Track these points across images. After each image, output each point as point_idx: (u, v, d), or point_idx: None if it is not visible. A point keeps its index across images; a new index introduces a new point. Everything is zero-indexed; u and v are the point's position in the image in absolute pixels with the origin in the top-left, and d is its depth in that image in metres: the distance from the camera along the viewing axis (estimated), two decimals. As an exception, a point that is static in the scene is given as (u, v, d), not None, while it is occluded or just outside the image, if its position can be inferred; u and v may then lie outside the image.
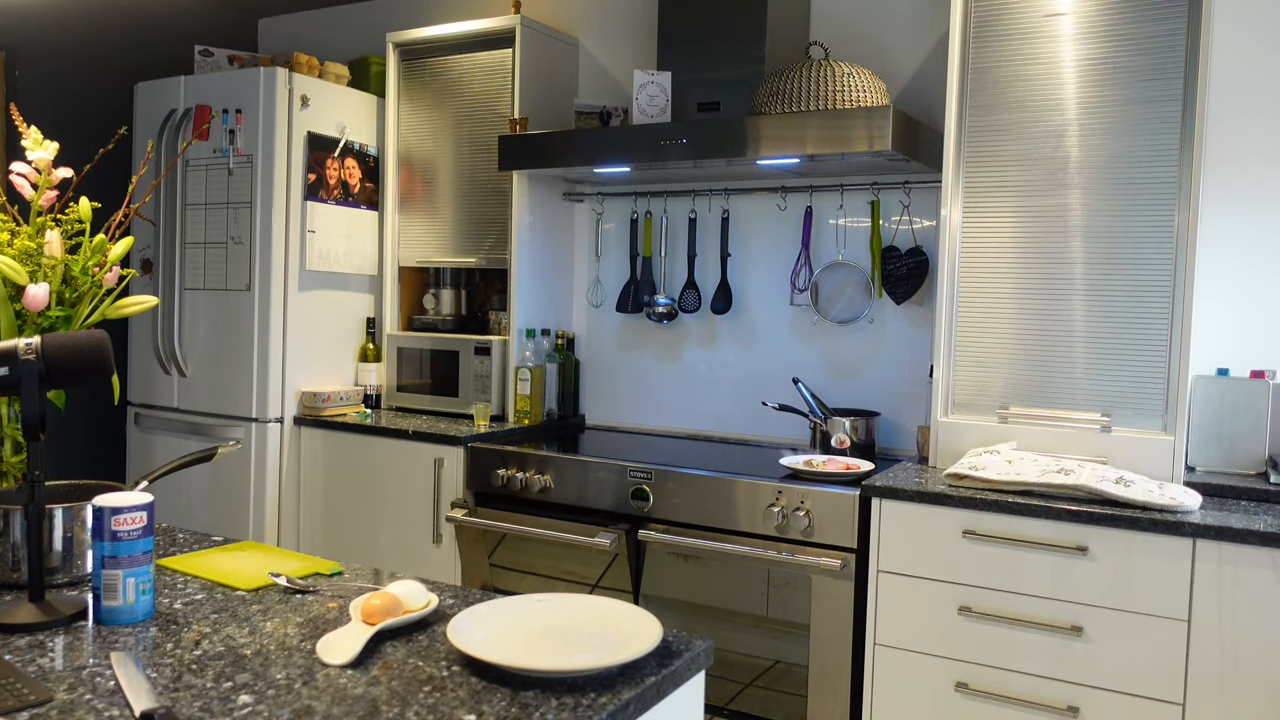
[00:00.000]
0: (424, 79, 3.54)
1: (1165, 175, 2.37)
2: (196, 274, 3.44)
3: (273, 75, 3.27)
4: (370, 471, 3.22)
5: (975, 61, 2.58)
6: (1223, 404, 2.45)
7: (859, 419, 2.87)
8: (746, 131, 2.67)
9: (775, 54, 2.92)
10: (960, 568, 2.28)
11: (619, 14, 3.48)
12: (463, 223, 3.50)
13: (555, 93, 3.45)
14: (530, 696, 1.08)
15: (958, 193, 2.61)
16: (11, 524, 1.40)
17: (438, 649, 1.22)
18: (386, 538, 3.20)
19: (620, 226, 3.48)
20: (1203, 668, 2.06)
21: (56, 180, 1.64)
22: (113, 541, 1.27)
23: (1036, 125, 2.51)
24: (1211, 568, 2.05)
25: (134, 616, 1.29)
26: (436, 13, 3.83)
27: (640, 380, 3.47)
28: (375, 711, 1.04)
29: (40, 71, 3.58)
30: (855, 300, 3.03)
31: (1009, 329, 2.57)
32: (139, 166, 3.45)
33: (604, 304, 3.52)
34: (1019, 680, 2.23)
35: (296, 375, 3.39)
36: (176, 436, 3.49)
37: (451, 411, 3.43)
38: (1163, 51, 2.36)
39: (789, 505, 2.48)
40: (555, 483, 2.82)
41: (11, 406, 1.54)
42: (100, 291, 1.63)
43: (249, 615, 1.33)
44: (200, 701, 1.05)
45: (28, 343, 1.29)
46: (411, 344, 3.51)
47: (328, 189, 3.44)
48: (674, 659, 1.20)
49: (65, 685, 1.09)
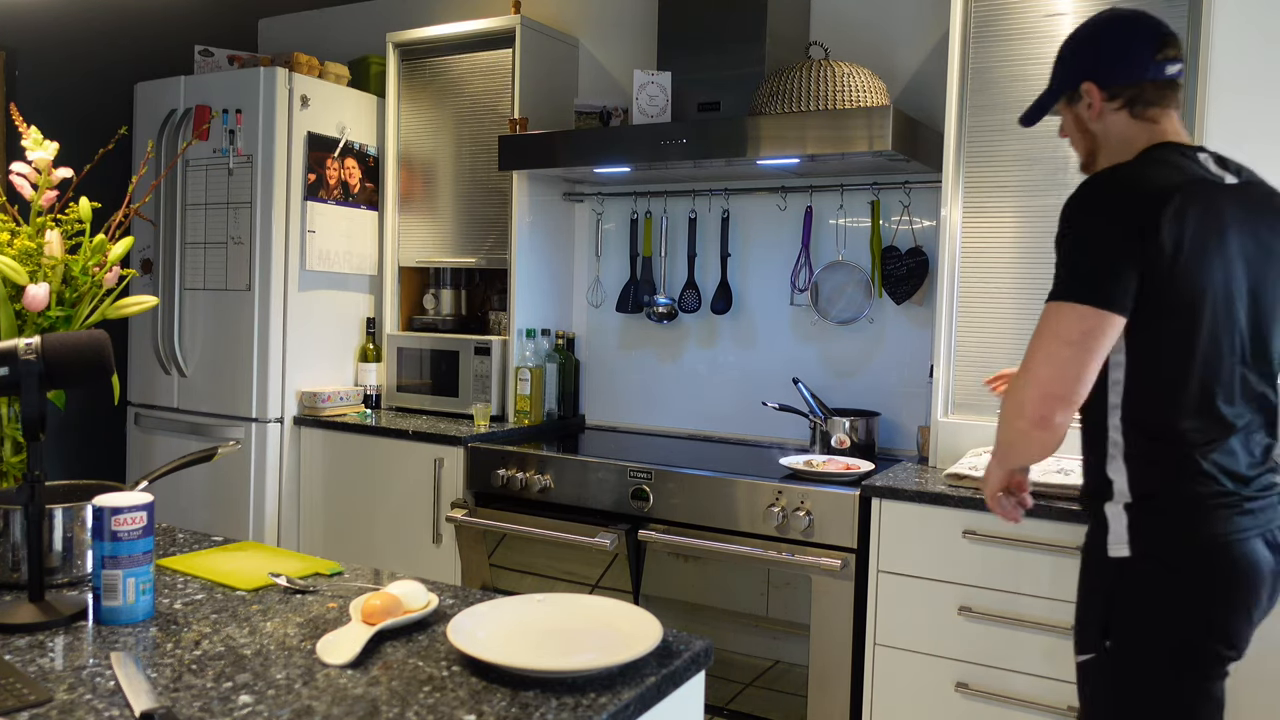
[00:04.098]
0: (424, 79, 3.54)
1: (1165, 175, 2.36)
2: (196, 274, 3.44)
3: (273, 75, 3.27)
4: (370, 471, 3.22)
5: (975, 61, 2.58)
6: (1223, 404, 2.45)
7: (859, 419, 2.87)
8: (746, 131, 2.67)
9: (775, 54, 2.91)
10: (960, 568, 2.28)
11: (619, 14, 3.47)
12: (463, 223, 3.50)
13: (555, 93, 3.45)
14: (530, 696, 1.08)
15: (958, 193, 2.61)
16: (11, 524, 1.40)
17: (438, 649, 1.22)
18: (386, 538, 3.20)
19: (620, 226, 3.48)
20: (1203, 668, 2.06)
21: (56, 180, 1.64)
22: (113, 541, 1.27)
23: (1036, 125, 2.50)
24: (1211, 568, 2.04)
25: (134, 616, 1.29)
26: (436, 13, 3.83)
27: (640, 380, 3.47)
28: (375, 711, 1.04)
29: (40, 71, 3.58)
30: (855, 300, 3.03)
31: (1009, 329, 2.56)
32: (139, 166, 3.45)
33: (604, 304, 3.52)
34: (1019, 680, 2.23)
35: (296, 375, 3.38)
36: (176, 436, 3.49)
37: (451, 411, 3.43)
38: (1163, 51, 2.36)
39: (789, 505, 2.48)
40: (555, 483, 2.82)
41: (11, 406, 1.54)
42: (100, 291, 1.63)
43: (249, 615, 1.33)
44: (200, 701, 1.05)
45: (28, 343, 1.29)
46: (411, 344, 3.51)
47: (328, 189, 3.44)
48: (674, 659, 1.20)
49: (65, 685, 1.09)
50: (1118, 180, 1.51)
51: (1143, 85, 1.59)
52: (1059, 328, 1.48)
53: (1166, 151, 1.56)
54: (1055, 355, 1.47)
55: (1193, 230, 1.46)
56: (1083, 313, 1.46)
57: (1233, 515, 1.49)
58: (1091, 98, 1.63)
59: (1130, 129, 1.61)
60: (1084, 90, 1.64)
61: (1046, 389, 1.48)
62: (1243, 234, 1.53)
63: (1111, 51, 1.61)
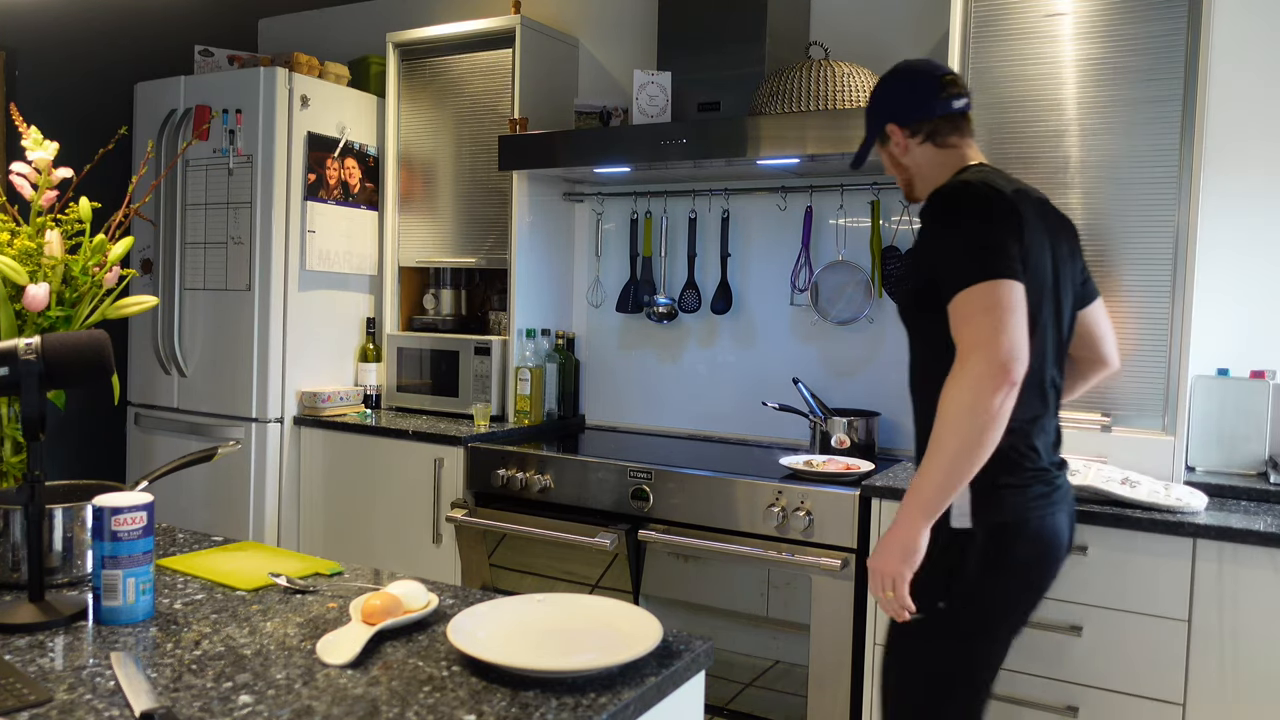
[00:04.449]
0: (424, 79, 3.54)
1: (1165, 175, 2.37)
2: (196, 274, 3.44)
3: (273, 75, 3.27)
4: (370, 471, 3.22)
5: (975, 61, 2.58)
6: (1223, 404, 2.45)
7: (859, 419, 2.87)
8: (746, 131, 2.67)
9: (775, 54, 2.91)
10: (960, 568, 2.28)
11: (619, 14, 3.47)
12: (463, 223, 3.50)
13: (555, 93, 3.45)
14: (530, 696, 1.08)
15: (958, 193, 2.61)
16: (11, 524, 1.40)
17: (438, 649, 1.22)
18: (386, 538, 3.20)
19: (620, 226, 3.48)
20: (1203, 668, 2.06)
21: (56, 180, 1.64)
22: (113, 541, 1.27)
23: (1036, 125, 2.51)
24: (1212, 568, 2.05)
25: (134, 616, 1.29)
26: (436, 13, 3.83)
27: (640, 380, 3.47)
28: (375, 711, 1.04)
29: (40, 71, 3.58)
30: (855, 300, 3.03)
31: (1009, 329, 2.56)
32: (139, 166, 3.45)
33: (604, 304, 3.52)
34: (1019, 680, 2.23)
35: (296, 375, 3.39)
36: (176, 436, 3.49)
37: (451, 411, 3.43)
38: (1163, 51, 2.36)
39: (789, 505, 2.48)
40: (555, 483, 2.82)
41: (11, 406, 1.54)
42: (100, 291, 1.63)
43: (249, 615, 1.33)
44: (200, 701, 1.05)
45: (28, 343, 1.29)
46: (411, 344, 3.51)
47: (328, 189, 3.44)
48: (674, 659, 1.20)
49: (65, 685, 1.09)
50: (974, 186, 1.69)
51: (935, 120, 1.83)
52: (994, 301, 1.57)
53: (986, 168, 1.80)
54: (1004, 323, 1.55)
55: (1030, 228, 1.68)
56: (1010, 285, 1.59)
57: (1048, 491, 1.72)
58: (896, 137, 1.86)
59: (938, 156, 1.84)
60: (889, 131, 1.87)
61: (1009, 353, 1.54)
62: (1050, 237, 1.76)
63: (903, 96, 1.86)
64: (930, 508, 1.59)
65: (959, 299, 1.59)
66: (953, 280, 1.61)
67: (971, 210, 1.66)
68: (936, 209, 1.70)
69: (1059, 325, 1.79)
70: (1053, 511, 1.72)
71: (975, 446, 1.55)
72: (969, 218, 1.66)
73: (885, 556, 1.63)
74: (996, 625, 1.73)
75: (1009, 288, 1.57)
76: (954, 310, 1.60)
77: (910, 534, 1.60)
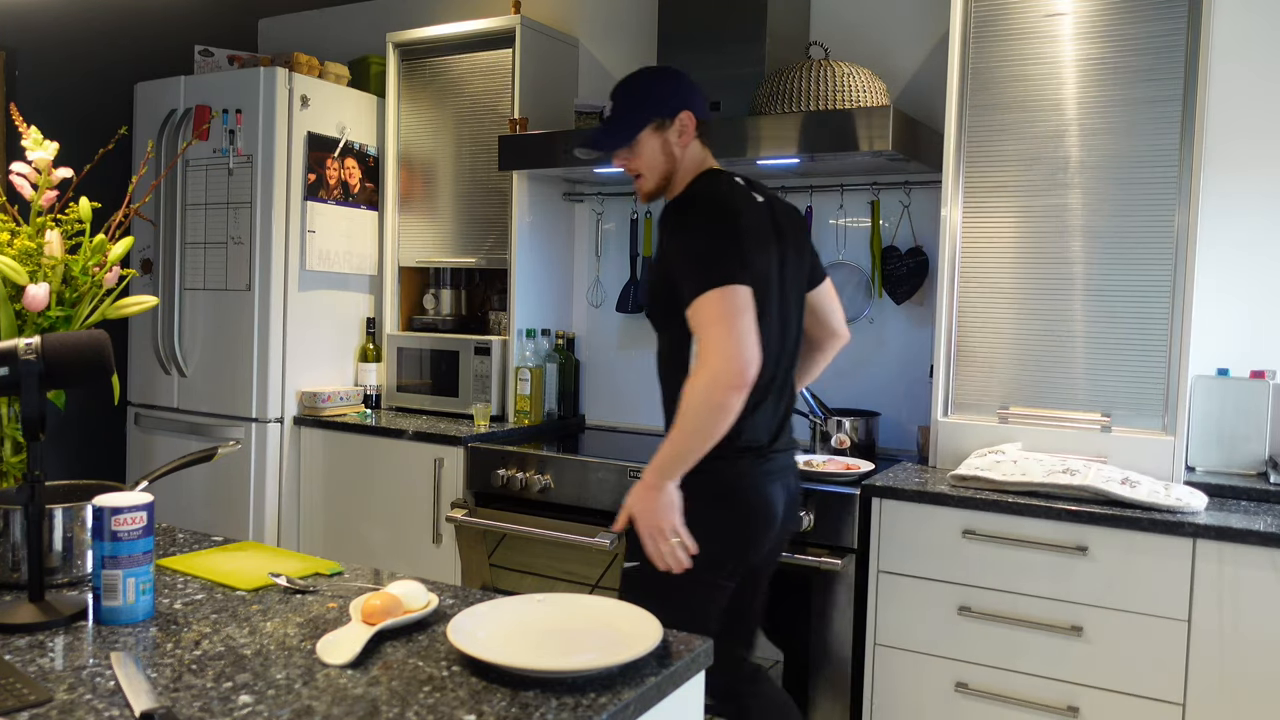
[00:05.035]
0: (424, 79, 3.54)
1: (1165, 175, 2.37)
2: (196, 274, 3.44)
3: (273, 75, 3.27)
4: (370, 472, 3.22)
5: (975, 61, 2.58)
6: (1223, 404, 2.45)
7: (859, 419, 2.87)
8: (746, 131, 2.67)
9: (775, 54, 2.91)
10: (960, 568, 2.28)
11: (619, 14, 3.47)
12: (463, 223, 3.50)
13: (555, 93, 3.45)
14: (530, 696, 1.08)
15: (958, 193, 2.61)
16: (11, 524, 1.40)
17: (438, 649, 1.22)
18: (386, 538, 3.20)
19: (620, 226, 3.48)
20: (1203, 668, 2.06)
21: (56, 180, 1.64)
22: (113, 541, 1.27)
23: (1036, 125, 2.51)
24: (1212, 568, 2.05)
25: (134, 616, 1.29)
26: (436, 13, 3.83)
27: (640, 380, 3.46)
28: (375, 711, 1.04)
29: (40, 71, 3.58)
30: (855, 300, 3.03)
31: (1009, 329, 2.56)
32: (139, 166, 3.45)
33: (604, 304, 3.52)
34: (1019, 680, 2.23)
35: (296, 375, 3.39)
36: (176, 436, 3.49)
37: (451, 411, 3.43)
38: (1163, 51, 2.37)
39: (789, 505, 2.48)
40: (555, 483, 2.82)
41: (11, 406, 1.54)
42: (100, 291, 1.63)
43: (249, 615, 1.33)
44: (200, 701, 1.05)
45: (28, 343, 1.29)
46: (411, 344, 3.51)
47: (328, 189, 3.44)
48: (674, 659, 1.20)
49: (65, 685, 1.09)
50: (716, 198, 1.86)
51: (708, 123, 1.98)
52: (730, 307, 1.72)
53: (721, 175, 1.93)
54: (736, 327, 1.71)
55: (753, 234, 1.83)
56: (744, 291, 1.74)
57: (764, 465, 1.89)
58: (687, 125, 1.92)
59: (699, 154, 1.96)
60: (683, 118, 1.92)
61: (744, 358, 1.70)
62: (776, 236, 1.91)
63: (695, 90, 1.96)
64: (667, 473, 1.78)
65: (696, 304, 1.74)
66: (689, 285, 1.75)
67: (704, 217, 1.82)
68: (675, 215, 1.86)
69: (785, 318, 1.93)
70: (765, 484, 1.89)
71: (710, 432, 1.74)
72: (702, 225, 1.81)
73: (647, 515, 1.79)
74: (713, 576, 1.88)
75: (737, 292, 1.73)
76: (692, 315, 1.75)
77: (654, 492, 1.79)
